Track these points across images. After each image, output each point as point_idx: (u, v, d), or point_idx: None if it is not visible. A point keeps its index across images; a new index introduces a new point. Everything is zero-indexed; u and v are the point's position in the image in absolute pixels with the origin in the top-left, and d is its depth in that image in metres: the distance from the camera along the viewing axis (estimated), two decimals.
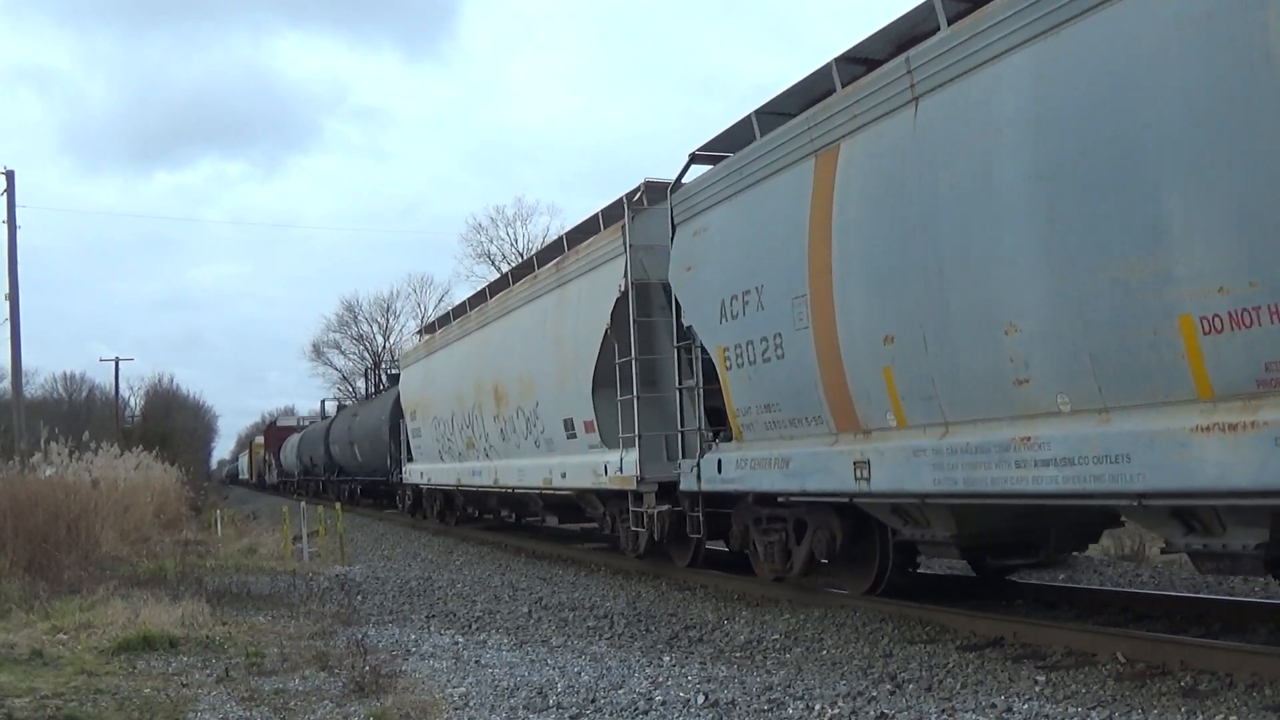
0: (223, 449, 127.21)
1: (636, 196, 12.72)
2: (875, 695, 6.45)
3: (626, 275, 12.40)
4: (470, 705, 6.49)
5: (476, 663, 7.94)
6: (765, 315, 9.51)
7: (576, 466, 14.21)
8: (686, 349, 11.33)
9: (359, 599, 12.03)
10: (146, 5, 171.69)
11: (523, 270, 17.86)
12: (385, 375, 42.33)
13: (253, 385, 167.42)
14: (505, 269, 39.58)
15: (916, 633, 8.53)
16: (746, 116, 10.03)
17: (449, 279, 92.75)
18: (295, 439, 54.96)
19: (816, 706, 6.17)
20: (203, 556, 17.06)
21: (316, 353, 76.92)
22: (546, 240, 42.47)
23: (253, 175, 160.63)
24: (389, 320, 73.43)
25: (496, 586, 13.02)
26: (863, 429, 8.54)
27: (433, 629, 9.86)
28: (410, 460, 25.00)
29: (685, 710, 6.22)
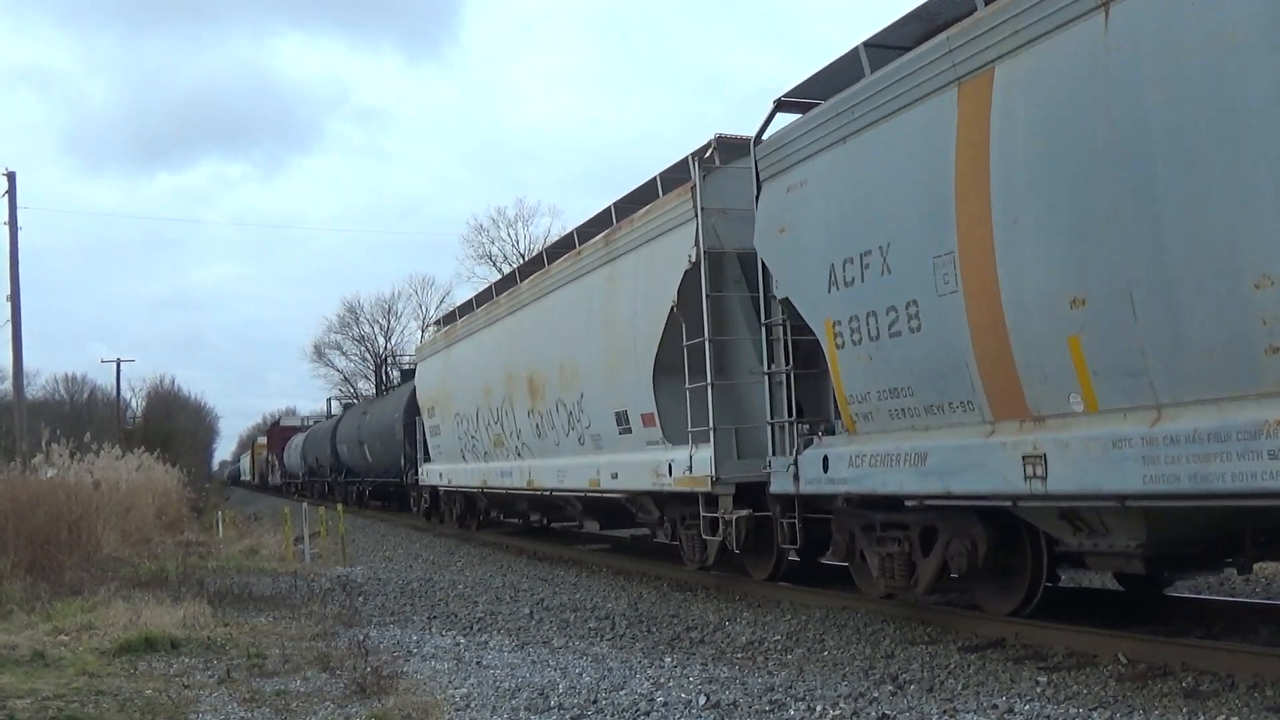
0: (224, 450, 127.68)
1: (709, 153, 11.14)
2: (877, 696, 6.46)
3: (698, 243, 10.79)
4: (472, 706, 6.49)
5: (478, 664, 7.95)
6: (893, 280, 8.03)
7: (631, 465, 12.61)
8: (769, 328, 9.81)
9: (360, 600, 12.05)
10: (148, 6, 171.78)
11: (559, 248, 15.93)
12: (399, 370, 40.50)
13: (254, 386, 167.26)
14: (506, 270, 39.39)
15: (918, 633, 8.54)
16: (852, 50, 8.68)
17: (450, 280, 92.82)
18: (300, 439, 54.35)
19: (818, 707, 6.18)
20: (204, 558, 17.08)
21: (318, 354, 77.21)
22: (548, 240, 42.22)
23: (254, 176, 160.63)
24: (390, 321, 73.69)
25: (498, 587, 13.03)
26: (1033, 415, 7.10)
27: (434, 630, 9.86)
28: (427, 460, 23.29)
29: (687, 711, 6.23)
